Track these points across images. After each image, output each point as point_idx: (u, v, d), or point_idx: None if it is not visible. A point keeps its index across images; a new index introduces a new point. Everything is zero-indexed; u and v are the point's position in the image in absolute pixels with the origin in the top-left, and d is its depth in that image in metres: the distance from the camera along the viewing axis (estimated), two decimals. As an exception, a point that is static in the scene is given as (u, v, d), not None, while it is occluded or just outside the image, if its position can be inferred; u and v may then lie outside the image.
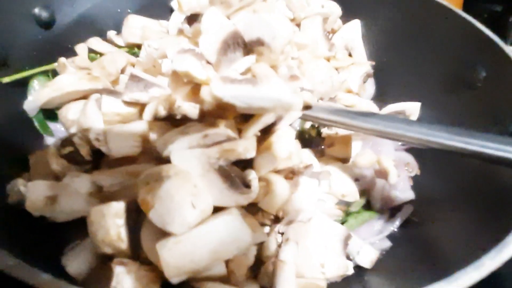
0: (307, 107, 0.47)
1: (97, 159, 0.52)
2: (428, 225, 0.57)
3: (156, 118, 0.50)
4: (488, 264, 0.31)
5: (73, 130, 0.59)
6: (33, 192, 0.44)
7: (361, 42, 0.84)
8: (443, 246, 0.51)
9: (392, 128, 0.48)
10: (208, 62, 0.52)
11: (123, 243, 0.38)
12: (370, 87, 0.82)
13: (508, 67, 0.58)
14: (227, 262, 0.41)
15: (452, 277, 0.30)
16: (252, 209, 0.48)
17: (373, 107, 0.72)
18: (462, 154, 0.41)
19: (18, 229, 0.39)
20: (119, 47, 0.78)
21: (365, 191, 0.63)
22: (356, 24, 0.84)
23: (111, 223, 0.38)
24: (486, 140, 0.39)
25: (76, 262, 0.40)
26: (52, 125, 0.64)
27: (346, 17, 0.83)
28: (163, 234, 0.37)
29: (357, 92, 0.75)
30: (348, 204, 0.61)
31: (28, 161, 0.53)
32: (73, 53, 0.72)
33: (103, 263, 0.40)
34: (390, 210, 0.62)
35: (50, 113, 0.64)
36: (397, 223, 0.60)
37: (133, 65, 0.71)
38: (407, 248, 0.55)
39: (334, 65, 0.76)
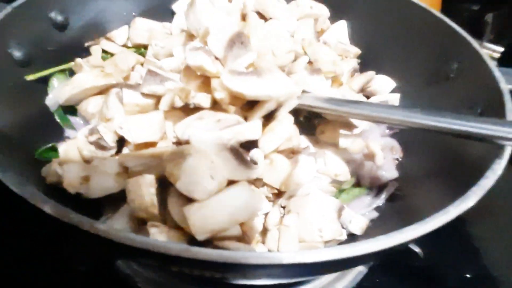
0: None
1: (120, 146, 0.59)
2: (409, 197, 0.66)
3: (172, 108, 0.57)
4: (452, 211, 0.40)
5: (93, 122, 0.66)
6: (69, 172, 0.50)
7: (348, 41, 0.92)
8: (422, 213, 0.58)
9: (376, 112, 0.56)
10: (216, 58, 0.59)
11: (156, 209, 0.45)
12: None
13: (476, 60, 0.67)
14: (240, 225, 0.48)
15: (422, 221, 0.39)
16: (258, 184, 0.56)
17: (361, 98, 0.80)
18: (433, 131, 0.49)
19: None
20: (127, 47, 0.85)
21: (355, 171, 0.71)
22: (342, 24, 0.92)
23: (145, 192, 0.45)
24: (453, 118, 0.48)
25: (117, 225, 0.47)
26: (72, 119, 0.70)
27: (333, 18, 0.91)
28: (188, 200, 0.44)
29: (346, 83, 0.83)
30: (340, 182, 0.69)
31: (56, 148, 0.60)
32: (86, 53, 0.79)
33: (137, 228, 0.47)
34: (378, 187, 0.71)
35: (69, 108, 0.70)
36: (383, 197, 0.68)
37: (142, 64, 0.78)
38: (392, 218, 0.64)
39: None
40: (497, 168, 0.45)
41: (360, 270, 0.73)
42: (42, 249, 0.69)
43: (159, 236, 0.43)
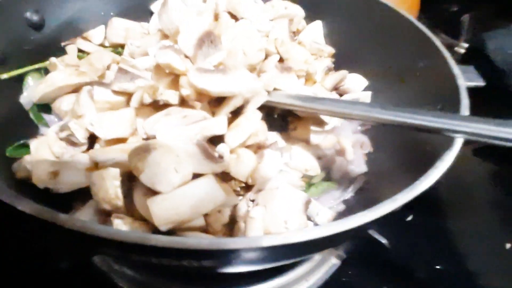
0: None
1: (92, 142, 0.60)
2: (376, 190, 0.68)
3: (142, 104, 0.59)
4: (400, 198, 0.42)
5: (67, 119, 0.67)
6: (38, 168, 0.52)
7: (323, 40, 0.94)
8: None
9: (340, 108, 0.59)
10: (186, 56, 0.61)
11: (120, 201, 0.47)
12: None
13: (440, 59, 0.69)
14: (205, 217, 0.50)
15: (371, 208, 0.41)
16: (226, 178, 0.58)
17: (334, 97, 0.83)
18: (391, 125, 0.52)
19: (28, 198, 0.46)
20: (104, 47, 0.86)
21: (326, 166, 0.74)
22: (318, 25, 0.94)
23: (109, 184, 0.46)
24: (408, 113, 0.50)
25: (83, 218, 0.48)
26: (46, 117, 0.71)
27: (308, 18, 0.94)
28: (152, 193, 0.46)
29: (319, 82, 0.85)
30: (311, 177, 0.71)
31: (27, 145, 0.61)
32: (63, 52, 0.80)
33: (103, 220, 0.48)
34: (347, 181, 0.73)
35: (43, 106, 0.71)
36: (350, 190, 0.70)
37: (117, 62, 0.79)
38: (358, 210, 0.66)
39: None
40: (447, 159, 0.47)
41: (334, 263, 0.76)
42: (17, 247, 0.70)
43: (122, 227, 0.44)
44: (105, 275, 0.67)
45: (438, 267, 0.79)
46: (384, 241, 0.70)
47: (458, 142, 0.49)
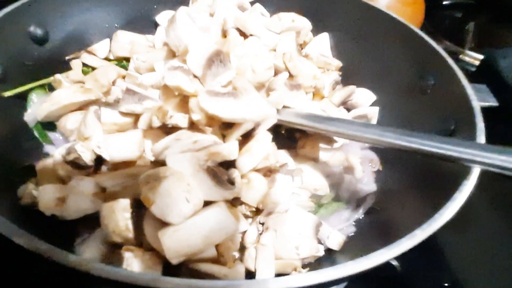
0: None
1: (98, 164, 0.59)
2: (386, 212, 0.67)
3: (151, 127, 0.57)
4: (420, 234, 0.41)
5: (72, 138, 0.66)
6: (45, 194, 0.50)
7: (330, 53, 0.93)
8: (398, 227, 0.60)
9: (352, 130, 0.57)
10: (195, 76, 0.59)
11: (130, 233, 0.45)
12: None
13: (451, 76, 0.68)
14: (216, 246, 0.49)
15: (391, 245, 0.40)
16: (236, 203, 0.56)
17: (342, 112, 0.81)
18: (405, 151, 0.51)
19: (33, 227, 0.44)
20: (109, 60, 0.85)
21: (335, 185, 0.73)
22: (325, 37, 0.93)
23: (120, 217, 0.45)
24: (424, 139, 0.49)
25: (90, 250, 0.47)
26: (51, 135, 0.70)
27: (315, 30, 0.92)
28: (163, 224, 0.45)
29: (327, 97, 0.84)
30: (320, 197, 0.70)
31: (33, 167, 0.60)
32: (67, 67, 0.79)
33: (112, 251, 0.47)
34: (356, 200, 0.72)
35: (48, 124, 0.70)
36: (361, 211, 0.69)
37: (123, 77, 0.77)
38: (369, 232, 0.65)
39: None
40: (465, 190, 0.46)
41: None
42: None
43: (133, 261, 0.43)
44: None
45: (445, 284, 0.78)
46: (395, 263, 0.69)
47: (476, 172, 0.48)
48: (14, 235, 0.36)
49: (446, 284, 0.78)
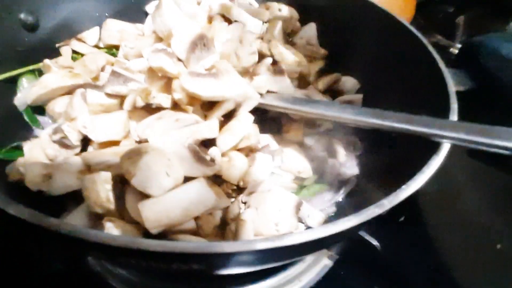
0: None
1: (85, 145, 0.60)
2: (366, 193, 0.69)
3: (135, 108, 0.59)
4: (387, 203, 0.43)
5: (60, 121, 0.68)
6: (31, 171, 0.52)
7: (317, 42, 0.95)
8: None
9: (332, 111, 0.59)
10: (179, 59, 0.61)
11: (111, 204, 0.47)
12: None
13: (430, 62, 0.69)
14: (196, 219, 0.51)
15: (358, 212, 0.42)
16: (218, 181, 0.58)
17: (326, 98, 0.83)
18: (379, 129, 0.53)
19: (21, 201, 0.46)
20: (99, 48, 0.86)
21: (318, 168, 0.74)
22: (312, 27, 0.95)
23: (101, 188, 0.47)
24: (396, 117, 0.51)
25: (74, 221, 0.49)
26: (40, 118, 0.72)
27: (302, 20, 0.94)
28: (144, 196, 0.47)
29: (312, 84, 0.86)
30: (303, 179, 0.72)
31: (21, 148, 0.61)
32: (57, 54, 0.80)
33: (95, 223, 0.49)
34: (338, 183, 0.74)
35: (37, 108, 0.72)
36: (342, 193, 0.71)
37: (112, 64, 0.79)
38: (348, 212, 0.66)
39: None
40: (433, 164, 0.48)
41: (326, 264, 0.77)
42: (9, 248, 0.70)
43: (113, 230, 0.45)
44: (98, 276, 0.68)
45: (429, 267, 0.80)
46: (375, 242, 0.71)
47: (445, 147, 0.50)
48: (2, 203, 0.38)
49: (430, 267, 0.80)
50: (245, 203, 0.63)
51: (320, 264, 0.76)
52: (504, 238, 0.83)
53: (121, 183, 0.51)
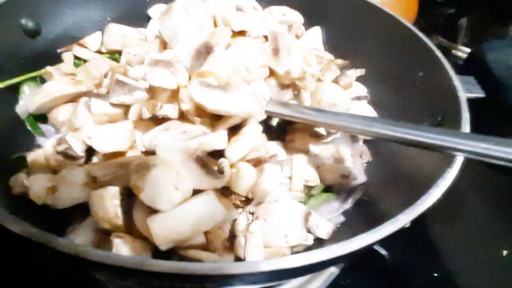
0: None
1: (89, 156, 0.59)
2: (374, 203, 0.68)
3: (141, 118, 0.58)
4: (402, 219, 0.42)
5: (63, 130, 0.67)
6: (36, 183, 0.51)
7: (322, 47, 0.94)
8: (386, 217, 0.61)
9: (340, 121, 0.58)
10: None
11: (119, 220, 0.46)
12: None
13: (439, 68, 0.69)
14: (205, 234, 0.50)
15: (374, 229, 0.41)
16: (226, 193, 0.57)
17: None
18: (391, 140, 0.52)
19: (25, 217, 0.45)
20: (101, 53, 0.85)
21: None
22: (317, 31, 0.94)
23: (109, 204, 0.46)
24: (408, 128, 0.50)
25: (80, 237, 0.48)
26: (43, 127, 0.70)
27: (307, 24, 0.93)
28: (152, 211, 0.45)
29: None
30: (310, 187, 0.71)
31: (24, 158, 0.60)
32: (59, 60, 0.79)
33: (102, 238, 0.48)
34: (346, 191, 0.73)
35: (40, 116, 0.70)
36: (350, 202, 0.70)
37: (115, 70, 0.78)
38: (358, 222, 0.66)
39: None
40: (448, 177, 0.47)
41: (332, 272, 0.76)
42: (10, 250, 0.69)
43: (122, 247, 0.44)
44: (98, 279, 0.67)
45: (435, 274, 0.79)
46: (383, 252, 0.70)
47: (459, 160, 0.49)
48: (7, 221, 0.37)
49: (435, 275, 0.79)
50: (252, 213, 0.62)
51: (326, 271, 0.75)
52: (509, 245, 0.83)
53: (128, 196, 0.50)
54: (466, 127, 0.56)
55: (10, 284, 0.67)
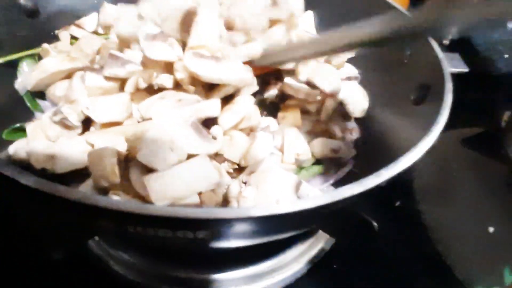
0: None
1: (87, 126, 0.61)
2: (365, 173, 0.70)
3: (137, 89, 0.60)
4: (385, 173, 0.45)
5: (60, 104, 0.68)
6: (36, 149, 0.53)
7: (315, 31, 0.96)
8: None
9: (319, 43, 0.59)
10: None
11: (117, 178, 0.48)
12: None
13: (426, 46, 0.72)
14: (199, 195, 0.52)
15: (356, 182, 0.43)
16: (219, 160, 0.59)
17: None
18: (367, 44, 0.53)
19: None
20: (98, 34, 0.86)
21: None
22: (309, 15, 0.96)
23: (107, 162, 0.47)
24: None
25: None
26: (41, 103, 0.72)
27: (300, 9, 0.95)
28: (149, 171, 0.48)
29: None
30: (301, 160, 0.73)
31: (24, 129, 0.62)
32: (56, 39, 0.81)
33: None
34: (337, 164, 0.75)
35: (38, 92, 0.72)
36: (340, 174, 0.73)
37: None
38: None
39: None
40: (428, 139, 0.50)
41: (323, 247, 0.78)
42: (9, 238, 0.70)
43: (120, 203, 0.46)
44: (100, 260, 0.69)
45: (424, 251, 0.82)
46: (373, 222, 0.72)
47: (440, 124, 0.51)
48: (19, 174, 0.38)
49: (424, 251, 0.82)
50: (245, 183, 0.64)
51: (317, 247, 0.78)
52: (496, 222, 0.86)
53: (125, 162, 0.52)
54: (449, 95, 0.59)
55: (10, 271, 0.68)
